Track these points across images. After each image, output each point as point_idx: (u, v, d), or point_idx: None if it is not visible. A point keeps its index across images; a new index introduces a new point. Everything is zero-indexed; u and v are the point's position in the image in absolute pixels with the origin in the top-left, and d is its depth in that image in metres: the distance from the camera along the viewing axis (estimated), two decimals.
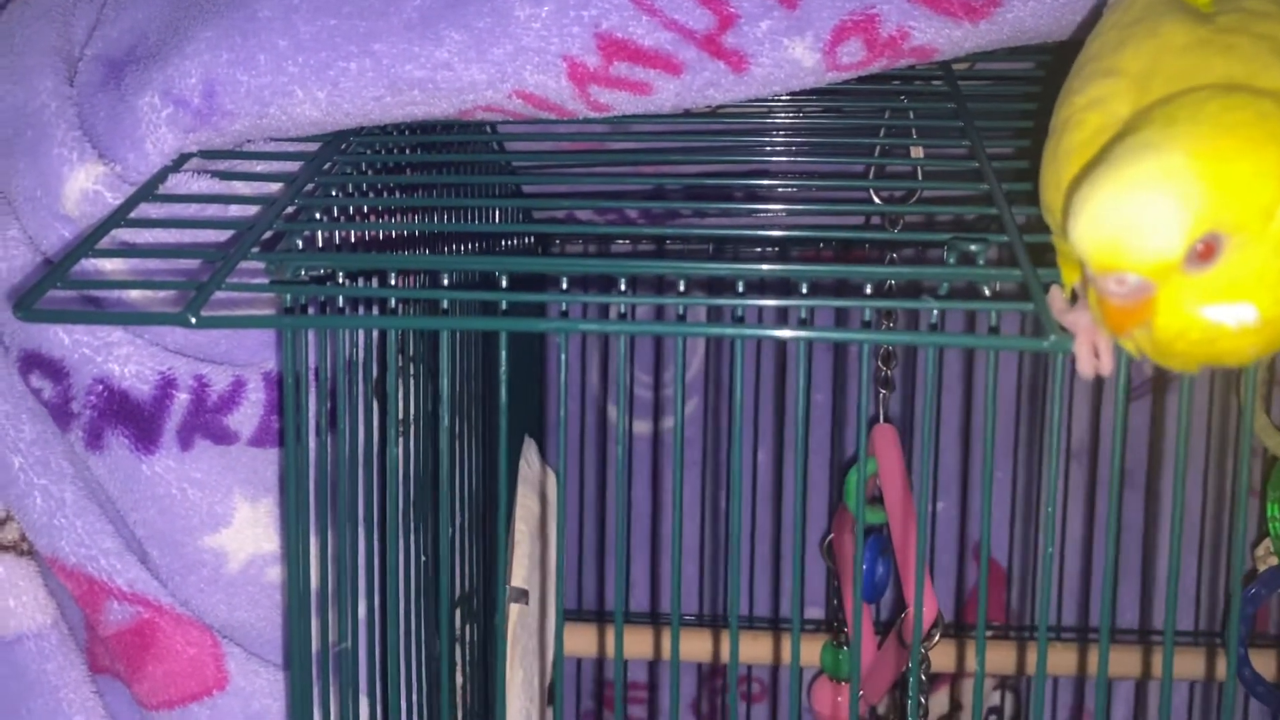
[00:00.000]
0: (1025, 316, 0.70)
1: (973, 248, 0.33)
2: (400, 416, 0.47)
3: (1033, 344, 0.30)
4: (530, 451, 0.66)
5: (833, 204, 0.55)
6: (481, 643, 0.62)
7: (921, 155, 0.50)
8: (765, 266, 0.35)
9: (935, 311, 0.33)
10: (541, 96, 0.42)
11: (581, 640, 0.73)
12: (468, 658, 0.59)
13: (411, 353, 0.47)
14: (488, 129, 0.53)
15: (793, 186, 0.61)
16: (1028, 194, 0.37)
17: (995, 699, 0.77)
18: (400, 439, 0.47)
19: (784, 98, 0.47)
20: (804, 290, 0.33)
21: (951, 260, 0.34)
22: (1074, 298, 0.32)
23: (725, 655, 0.70)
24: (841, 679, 0.65)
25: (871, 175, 0.55)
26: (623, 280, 0.35)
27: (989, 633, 0.74)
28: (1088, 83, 0.31)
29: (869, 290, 0.34)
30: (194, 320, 0.32)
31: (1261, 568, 0.62)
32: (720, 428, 0.79)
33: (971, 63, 0.50)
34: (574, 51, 0.41)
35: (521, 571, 0.62)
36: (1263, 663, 0.60)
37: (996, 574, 0.78)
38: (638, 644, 0.72)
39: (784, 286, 0.65)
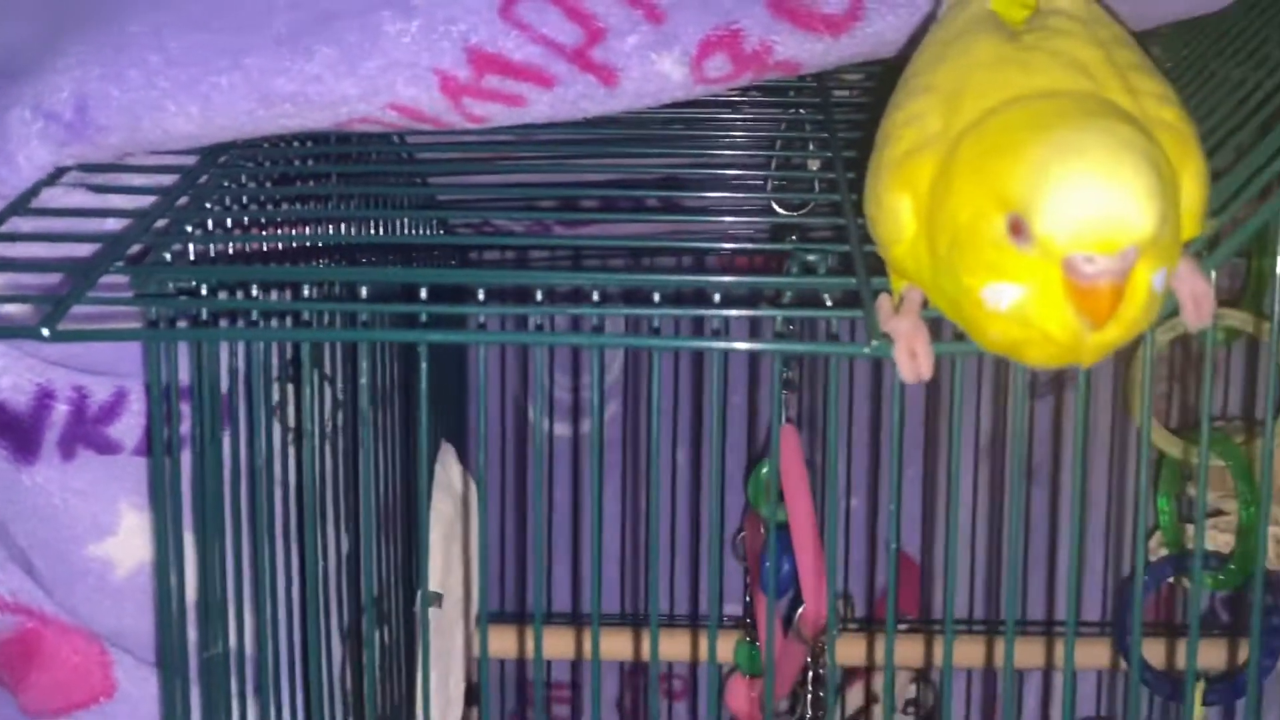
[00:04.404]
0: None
1: (811, 257, 0.34)
2: (293, 425, 0.47)
3: (855, 349, 0.31)
4: (446, 455, 0.67)
5: (739, 213, 0.56)
6: (393, 647, 0.62)
7: (818, 165, 0.51)
8: (673, 278, 0.36)
9: (835, 320, 0.34)
10: (416, 109, 0.43)
11: (503, 641, 0.73)
12: (378, 662, 0.60)
13: (304, 361, 0.48)
14: (395, 139, 0.54)
15: (701, 195, 0.62)
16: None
17: (913, 691, 0.79)
18: (294, 448, 0.47)
19: (693, 104, 0.48)
20: (716, 299, 0.34)
21: (794, 269, 0.35)
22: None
23: (646, 653, 0.71)
24: (753, 675, 0.67)
25: (770, 187, 0.56)
26: (539, 291, 0.36)
27: (904, 627, 0.75)
28: (908, 99, 0.32)
29: (717, 298, 0.35)
30: (47, 334, 0.33)
31: (1153, 559, 0.64)
32: (640, 429, 0.80)
33: (865, 74, 0.51)
34: (445, 65, 0.42)
35: (435, 575, 0.63)
36: (1151, 650, 0.62)
37: (910, 569, 0.79)
38: (560, 644, 0.73)
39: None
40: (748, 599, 0.68)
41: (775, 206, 0.55)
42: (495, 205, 0.61)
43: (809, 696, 0.64)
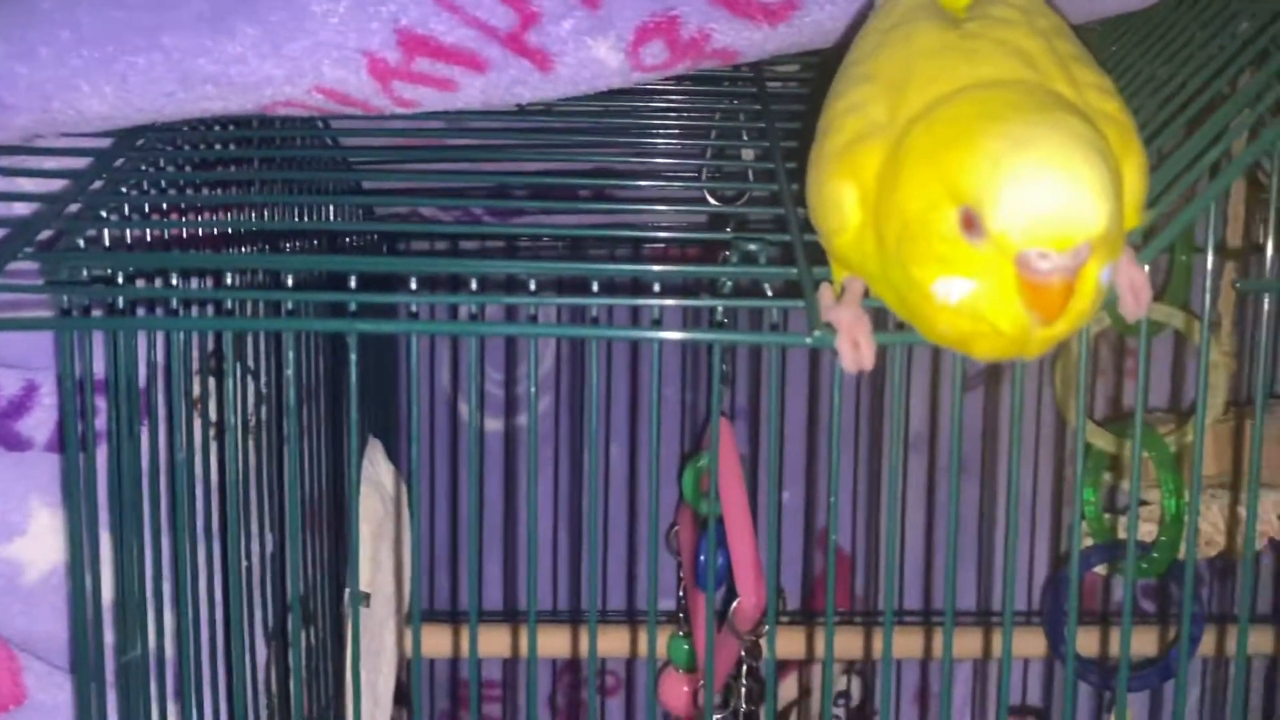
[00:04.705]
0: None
1: (752, 247, 0.34)
2: (215, 420, 0.46)
3: (796, 339, 0.31)
4: (374, 451, 0.65)
5: (674, 203, 0.56)
6: (320, 647, 0.61)
7: (752, 156, 0.51)
8: (613, 267, 0.35)
9: (776, 310, 0.34)
10: (343, 92, 0.41)
11: (436, 641, 0.72)
12: (304, 663, 0.58)
13: (226, 352, 0.46)
14: (319, 124, 0.52)
15: (636, 185, 0.61)
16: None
17: (843, 683, 0.79)
18: (216, 443, 0.46)
19: (627, 94, 0.47)
20: (656, 289, 0.34)
21: (735, 259, 0.35)
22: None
23: (581, 650, 0.71)
24: (687, 670, 0.66)
25: (705, 176, 0.56)
26: (473, 280, 0.35)
27: (835, 619, 0.75)
28: (848, 88, 0.32)
29: (657, 288, 0.34)
30: None
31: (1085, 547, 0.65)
32: (574, 423, 0.79)
33: (801, 64, 0.51)
34: (373, 47, 0.40)
35: (362, 575, 0.61)
36: (1078, 638, 0.62)
37: (841, 562, 0.80)
38: (493, 642, 0.72)
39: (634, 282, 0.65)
40: (681, 593, 0.67)
41: (708, 197, 0.55)
42: (424, 193, 0.59)
43: (743, 690, 0.64)
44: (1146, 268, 0.32)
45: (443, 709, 0.81)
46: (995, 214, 0.27)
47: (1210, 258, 0.37)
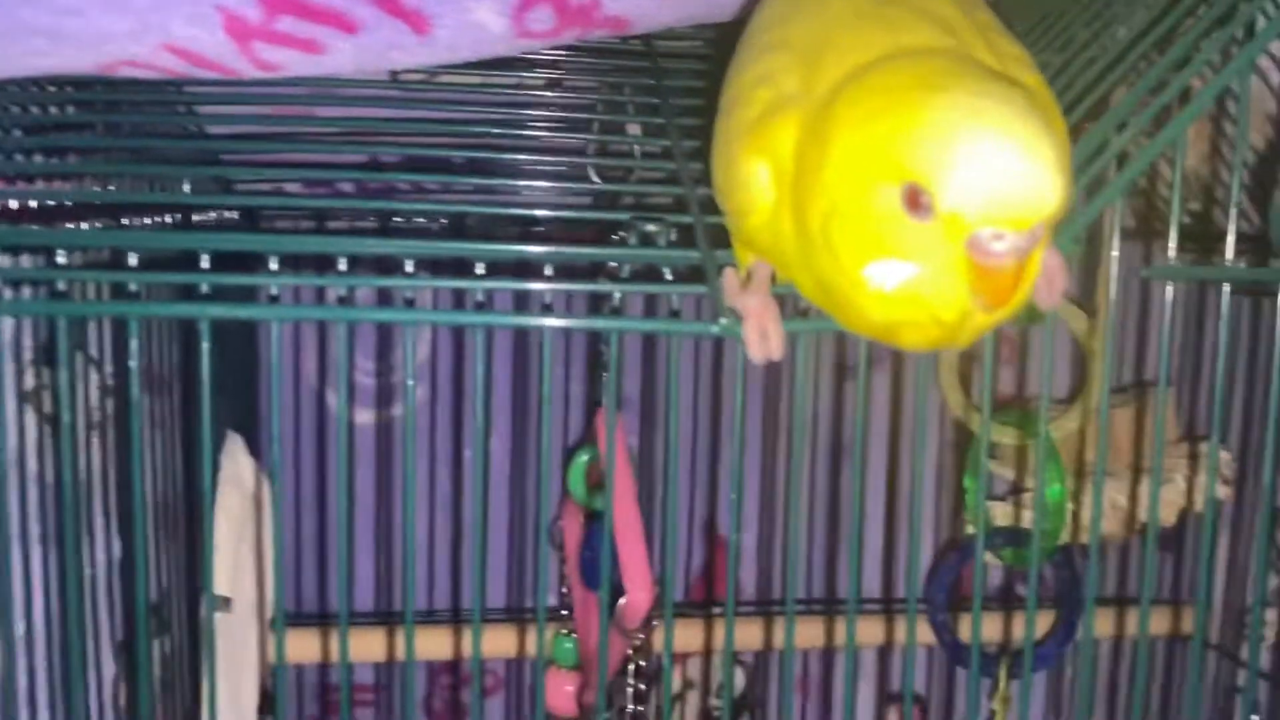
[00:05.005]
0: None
1: (650, 228, 0.31)
2: (49, 413, 0.41)
3: (701, 328, 0.29)
4: (234, 447, 0.61)
5: (558, 180, 0.53)
6: (177, 657, 0.57)
7: (639, 133, 0.49)
8: (502, 248, 0.32)
9: (675, 296, 0.31)
10: (197, 52, 0.37)
11: (303, 645, 0.68)
12: (158, 675, 0.54)
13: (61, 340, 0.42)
14: (173, 88, 0.48)
15: (520, 160, 0.58)
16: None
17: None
18: (52, 439, 0.41)
19: (509, 67, 0.44)
20: (548, 272, 0.31)
21: (633, 241, 0.32)
22: (749, 280, 0.31)
23: (458, 651, 0.68)
24: (568, 667, 0.64)
25: (591, 153, 0.53)
26: (342, 260, 0.32)
27: (718, 610, 0.74)
28: (757, 57, 0.30)
29: (548, 270, 0.32)
30: None
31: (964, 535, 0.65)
32: (452, 414, 0.76)
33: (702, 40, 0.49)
34: (230, 3, 0.37)
35: (223, 577, 0.57)
36: (959, 625, 0.63)
37: (727, 552, 0.79)
38: (366, 645, 0.68)
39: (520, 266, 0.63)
40: (564, 590, 0.65)
41: (597, 175, 0.53)
42: (288, 165, 0.55)
43: (630, 689, 0.62)
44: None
45: (311, 715, 0.77)
46: (947, 191, 0.25)
47: (1116, 247, 0.36)
